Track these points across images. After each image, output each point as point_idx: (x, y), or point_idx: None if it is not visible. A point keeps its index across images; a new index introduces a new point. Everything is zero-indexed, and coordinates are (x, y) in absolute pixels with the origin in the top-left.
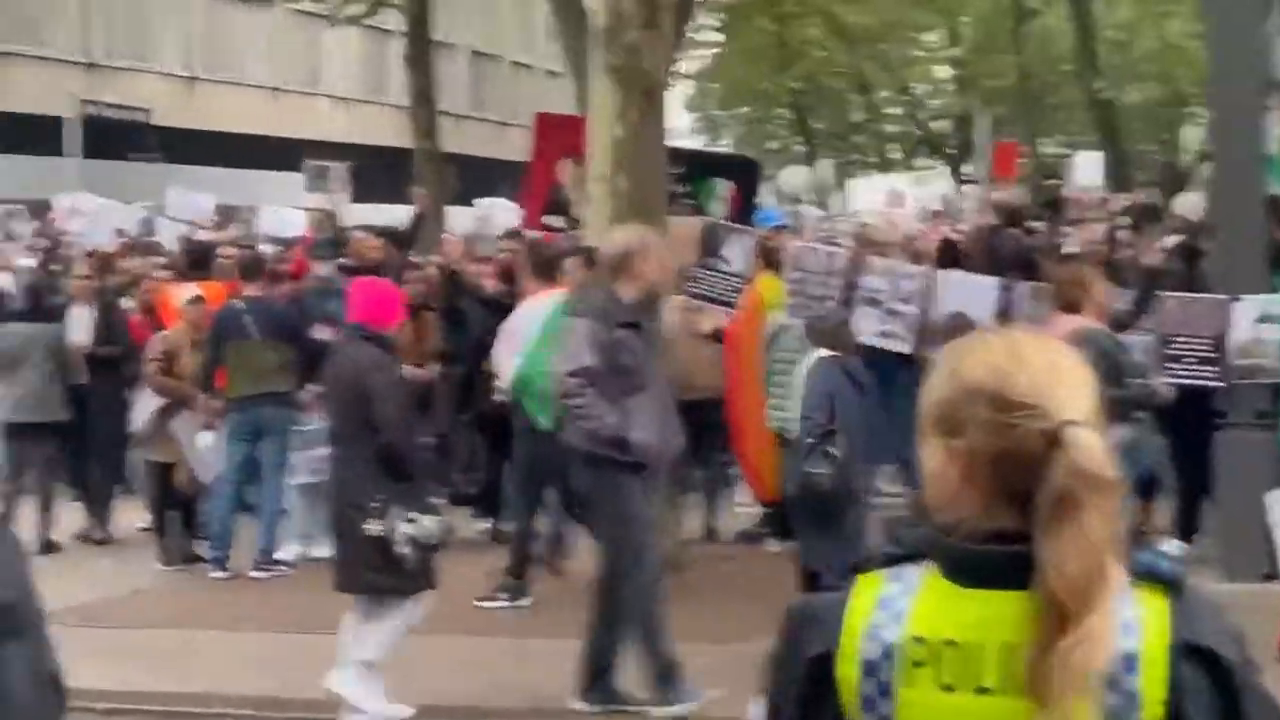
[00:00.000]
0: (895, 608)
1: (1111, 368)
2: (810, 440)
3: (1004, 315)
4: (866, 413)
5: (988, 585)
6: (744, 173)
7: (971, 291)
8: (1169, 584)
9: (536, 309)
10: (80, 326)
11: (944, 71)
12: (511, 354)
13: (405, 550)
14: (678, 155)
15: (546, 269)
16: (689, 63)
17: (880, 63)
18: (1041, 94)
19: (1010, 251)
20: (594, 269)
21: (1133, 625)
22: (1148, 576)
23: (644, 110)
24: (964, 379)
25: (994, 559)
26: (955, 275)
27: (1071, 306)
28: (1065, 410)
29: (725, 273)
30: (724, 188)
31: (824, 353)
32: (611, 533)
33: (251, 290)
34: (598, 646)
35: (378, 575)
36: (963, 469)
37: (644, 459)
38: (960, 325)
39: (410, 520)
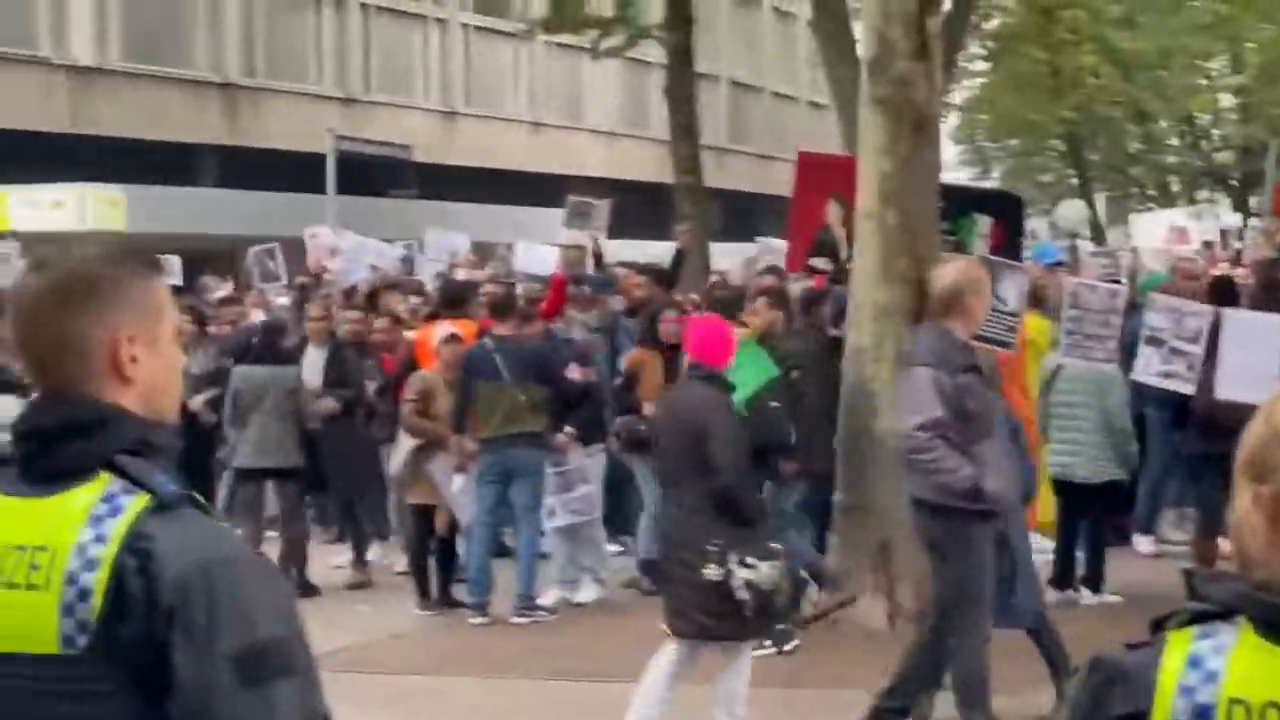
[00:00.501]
0: (1208, 667)
1: None
2: None
3: None
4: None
5: None
6: (1006, 208)
7: (1257, 331)
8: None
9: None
10: (313, 368)
11: (1227, 100)
12: None
13: (744, 596)
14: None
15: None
16: (956, 93)
17: (1158, 91)
18: None
19: None
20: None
21: None
22: None
23: (914, 143)
24: (1275, 423)
25: None
26: (1242, 314)
27: None
28: None
29: (1002, 312)
30: (985, 224)
31: None
32: (959, 584)
33: (502, 329)
34: (907, 690)
35: (714, 620)
36: (1268, 516)
37: (996, 507)
38: None
39: (749, 565)
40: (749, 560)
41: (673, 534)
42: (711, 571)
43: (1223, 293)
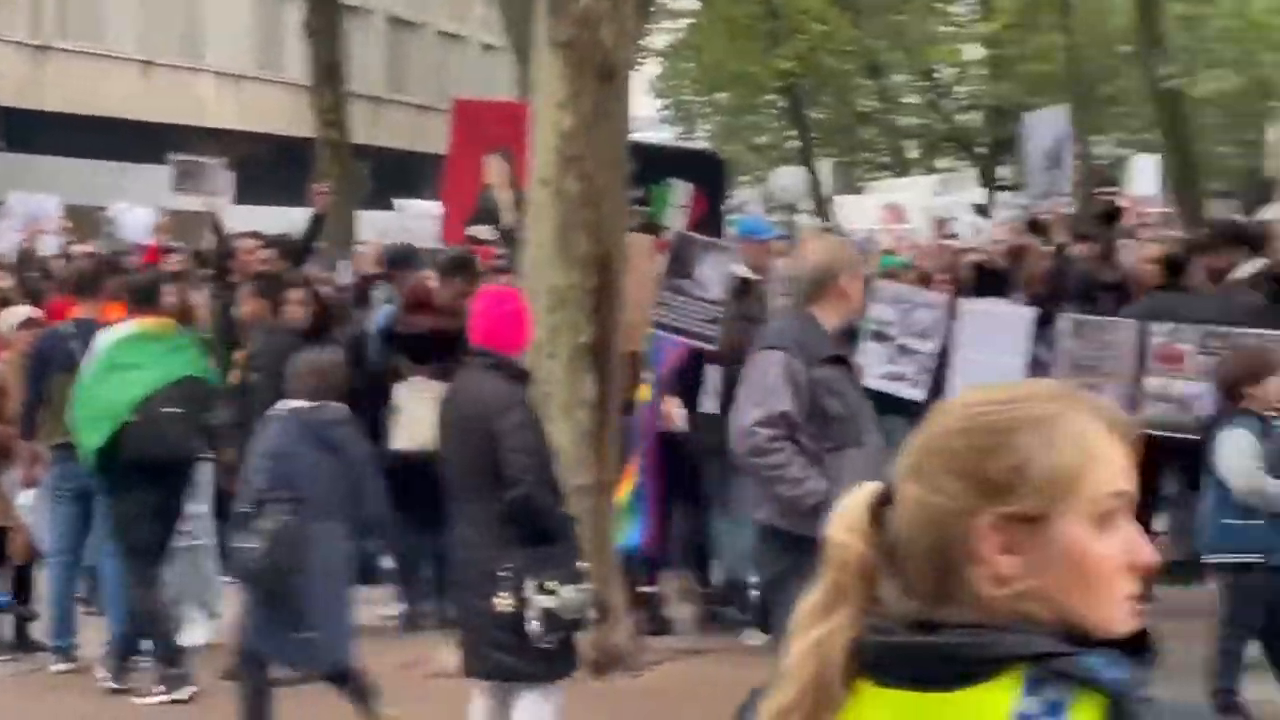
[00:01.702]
0: None
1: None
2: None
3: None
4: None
5: None
6: (707, 173)
7: (997, 324)
8: (1110, 695)
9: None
10: None
11: (975, 52)
12: None
13: (537, 628)
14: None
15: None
16: (657, 36)
17: (895, 40)
18: (1094, 82)
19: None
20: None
21: None
22: (1090, 683)
23: (600, 96)
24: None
25: None
26: (980, 305)
27: None
28: None
29: (702, 299)
30: (683, 192)
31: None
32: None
33: (86, 311)
34: None
35: (511, 658)
36: None
37: None
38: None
39: (548, 591)
40: (549, 585)
41: (462, 556)
42: (503, 600)
43: (983, 280)
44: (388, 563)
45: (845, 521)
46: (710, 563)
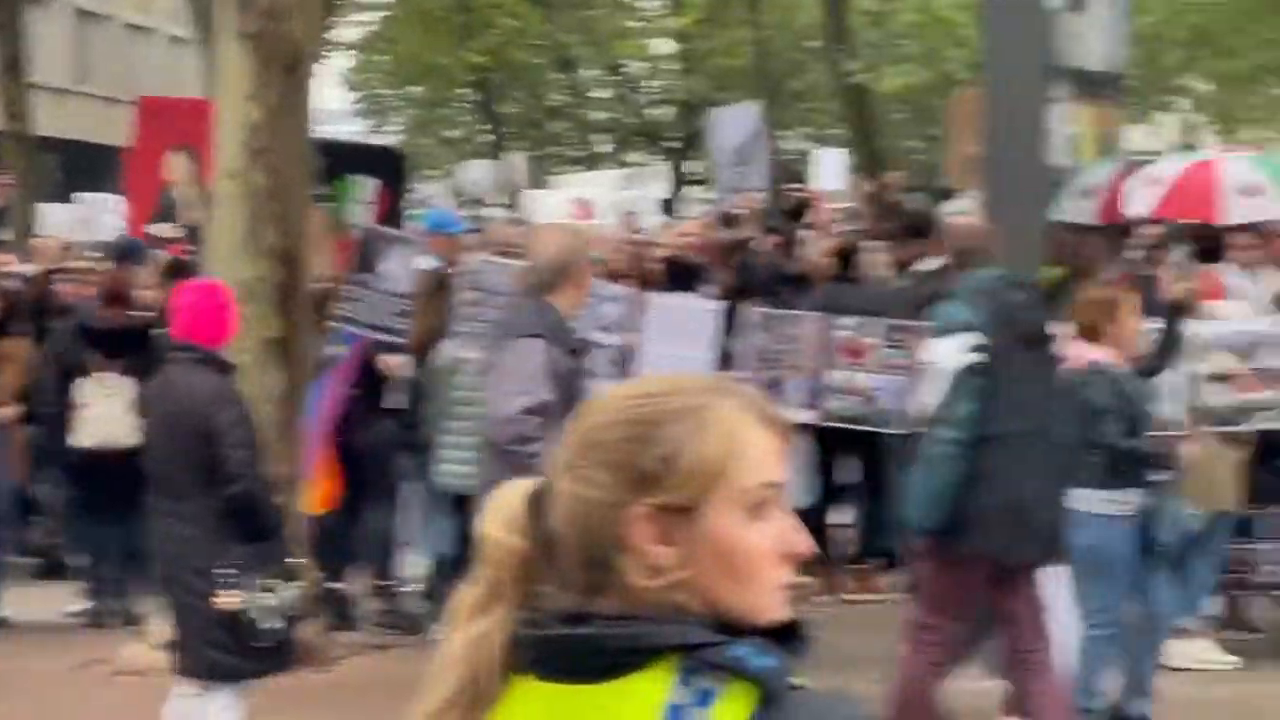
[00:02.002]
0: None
1: (1126, 415)
2: None
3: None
4: None
5: None
6: (390, 168)
7: (684, 318)
8: (759, 683)
9: None
10: None
11: (665, 46)
12: None
13: (266, 625)
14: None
15: None
16: (350, 29)
17: (585, 34)
18: (783, 77)
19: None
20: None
21: None
22: (739, 673)
23: (287, 88)
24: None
25: None
26: (669, 299)
27: (1090, 333)
28: None
29: (389, 294)
30: (368, 187)
31: None
32: None
33: None
34: None
35: (227, 656)
36: None
37: None
38: None
39: (268, 589)
40: (268, 583)
41: (173, 555)
42: (222, 599)
43: (676, 274)
44: (75, 560)
45: (501, 518)
46: (393, 559)
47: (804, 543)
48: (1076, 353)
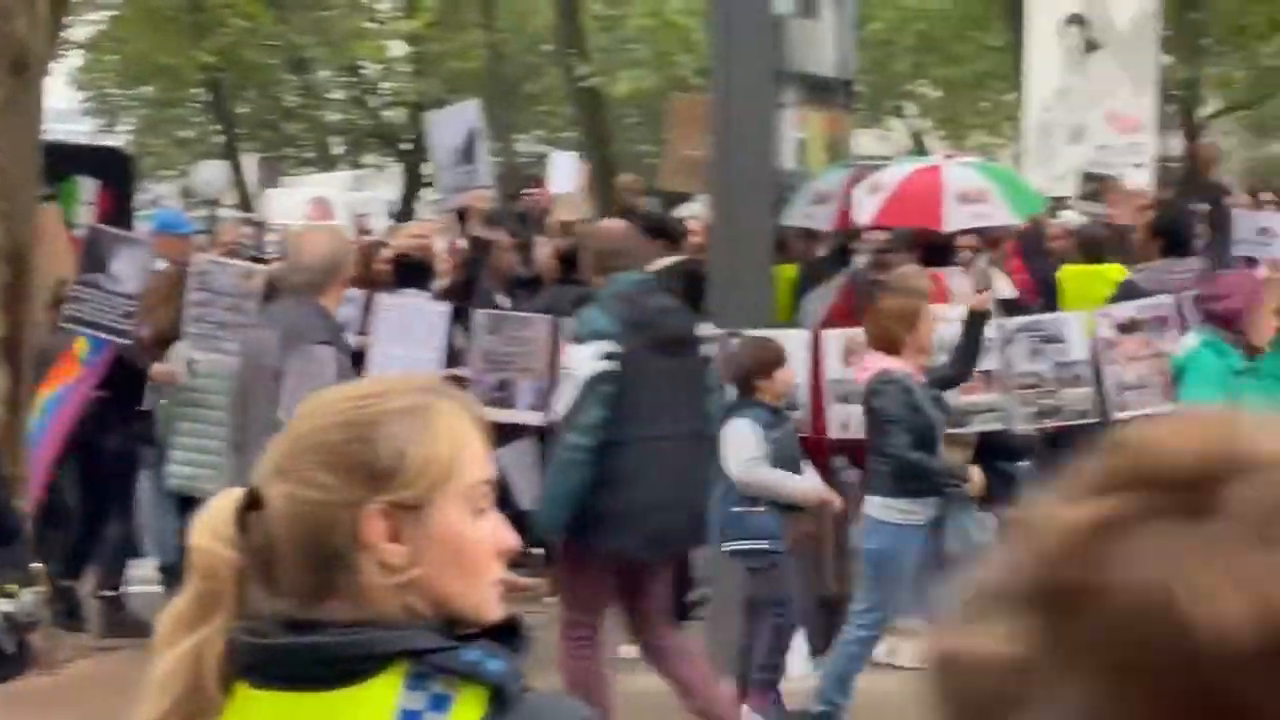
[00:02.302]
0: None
1: (916, 426)
2: None
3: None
4: None
5: None
6: (114, 169)
7: (413, 319)
8: (491, 686)
9: None
10: None
11: (399, 48)
12: None
13: (3, 631)
14: None
15: None
16: (80, 28)
17: (320, 35)
18: (517, 80)
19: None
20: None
21: None
22: (472, 677)
23: (14, 89)
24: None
25: None
26: (398, 300)
27: (886, 344)
28: None
29: (115, 293)
30: (89, 188)
31: None
32: None
33: None
34: None
35: None
36: None
37: None
38: None
39: (7, 594)
40: (7, 588)
41: None
42: None
43: (404, 274)
44: None
45: (210, 528)
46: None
47: (511, 538)
48: (870, 363)
